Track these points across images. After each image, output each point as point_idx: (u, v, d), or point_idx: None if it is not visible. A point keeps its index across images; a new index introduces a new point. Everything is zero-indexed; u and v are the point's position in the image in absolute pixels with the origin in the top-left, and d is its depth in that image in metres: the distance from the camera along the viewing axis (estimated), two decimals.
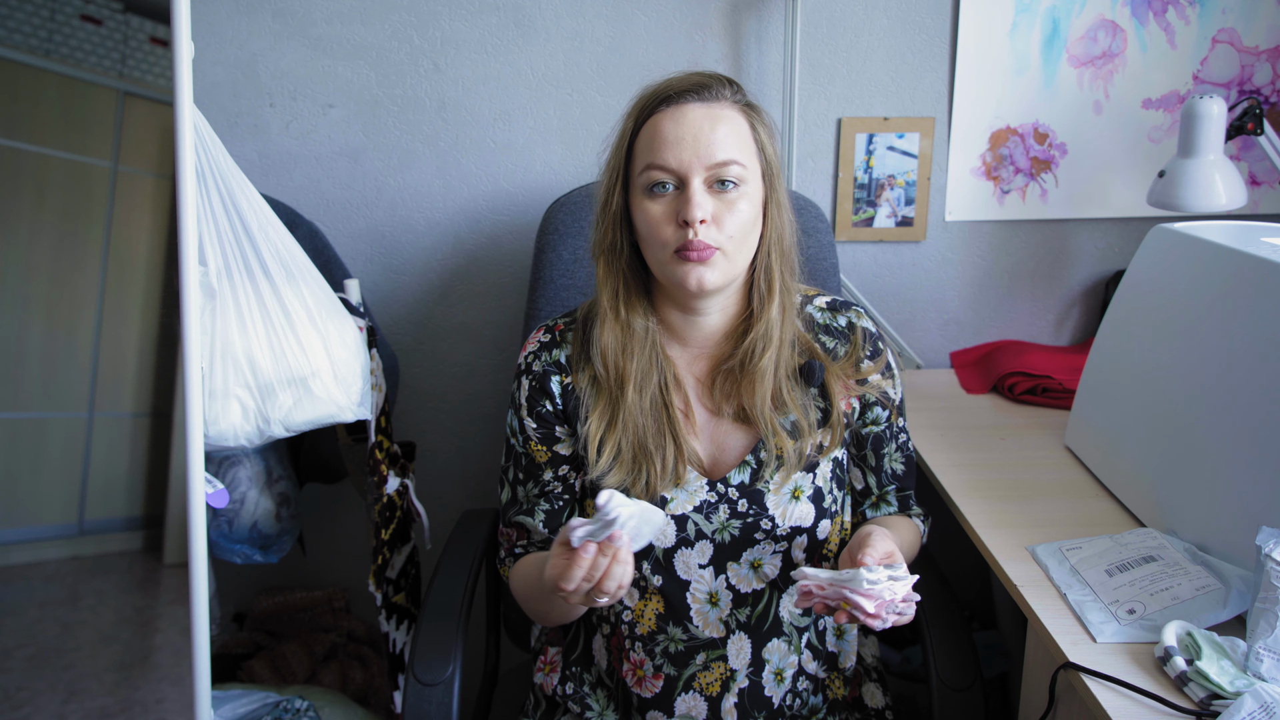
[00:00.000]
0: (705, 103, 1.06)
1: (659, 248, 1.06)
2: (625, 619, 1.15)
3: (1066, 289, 1.89)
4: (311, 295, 1.35)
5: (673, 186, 1.05)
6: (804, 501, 1.13)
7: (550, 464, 1.16)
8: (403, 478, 1.55)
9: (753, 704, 1.14)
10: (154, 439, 1.95)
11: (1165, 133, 1.79)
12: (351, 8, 1.67)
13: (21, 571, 1.90)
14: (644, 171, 1.06)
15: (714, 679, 1.13)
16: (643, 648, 1.14)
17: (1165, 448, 1.23)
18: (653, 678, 1.14)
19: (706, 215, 1.03)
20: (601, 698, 1.20)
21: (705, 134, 1.04)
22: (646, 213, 1.06)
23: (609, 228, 1.10)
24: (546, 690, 1.23)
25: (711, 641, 1.13)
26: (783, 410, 1.12)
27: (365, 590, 1.85)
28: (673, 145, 1.04)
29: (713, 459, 1.14)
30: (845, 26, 1.73)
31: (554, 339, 1.18)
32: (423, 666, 1.22)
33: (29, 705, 1.68)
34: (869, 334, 1.18)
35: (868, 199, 1.80)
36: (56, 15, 1.79)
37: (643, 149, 1.07)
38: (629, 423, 1.10)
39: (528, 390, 1.16)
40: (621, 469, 1.10)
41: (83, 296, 1.89)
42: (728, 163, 1.04)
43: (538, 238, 1.57)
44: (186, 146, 1.15)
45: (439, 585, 1.34)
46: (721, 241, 1.05)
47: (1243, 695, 0.89)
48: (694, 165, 1.04)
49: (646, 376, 1.11)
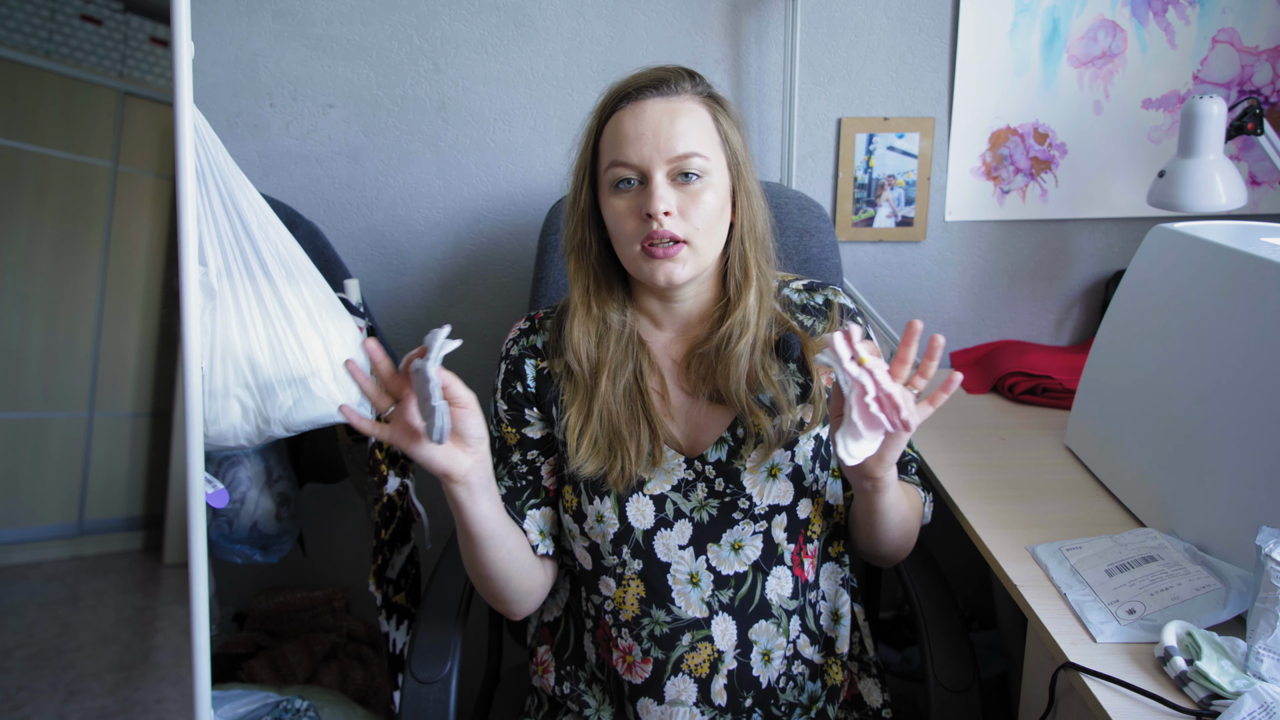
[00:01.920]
0: (664, 97, 1.08)
1: (626, 243, 1.09)
2: (607, 609, 1.15)
3: (1066, 289, 1.89)
4: (311, 295, 1.35)
5: (636, 182, 1.07)
6: (781, 480, 1.13)
7: (519, 446, 1.18)
8: (403, 478, 1.55)
9: (741, 685, 1.14)
10: (154, 439, 1.95)
11: (1165, 133, 1.79)
12: (351, 8, 1.67)
13: (21, 571, 1.89)
14: (609, 169, 1.08)
15: (702, 660, 1.13)
16: (629, 633, 1.14)
17: (1165, 448, 1.23)
18: (641, 662, 1.14)
19: (670, 207, 1.05)
20: (597, 693, 1.20)
21: (665, 128, 1.06)
22: (613, 209, 1.08)
23: (578, 225, 1.13)
24: (546, 690, 1.23)
25: (695, 622, 1.13)
26: (758, 389, 1.13)
27: (365, 590, 1.85)
28: (633, 141, 1.06)
29: (690, 439, 1.15)
30: (845, 26, 1.73)
31: (532, 325, 1.21)
32: (420, 664, 1.22)
33: (29, 705, 1.68)
34: (846, 309, 1.20)
35: (868, 199, 1.80)
36: (56, 15, 1.79)
37: (607, 146, 1.09)
38: (603, 412, 1.12)
39: (503, 374, 1.19)
40: (598, 457, 1.12)
41: (83, 296, 1.89)
42: (688, 155, 1.06)
43: (540, 238, 1.56)
44: (186, 146, 1.15)
45: (438, 583, 1.35)
46: (688, 232, 1.07)
47: (1243, 695, 0.89)
48: (654, 159, 1.05)
49: (621, 366, 1.14)
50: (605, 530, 1.13)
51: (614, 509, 1.12)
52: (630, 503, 1.13)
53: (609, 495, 1.13)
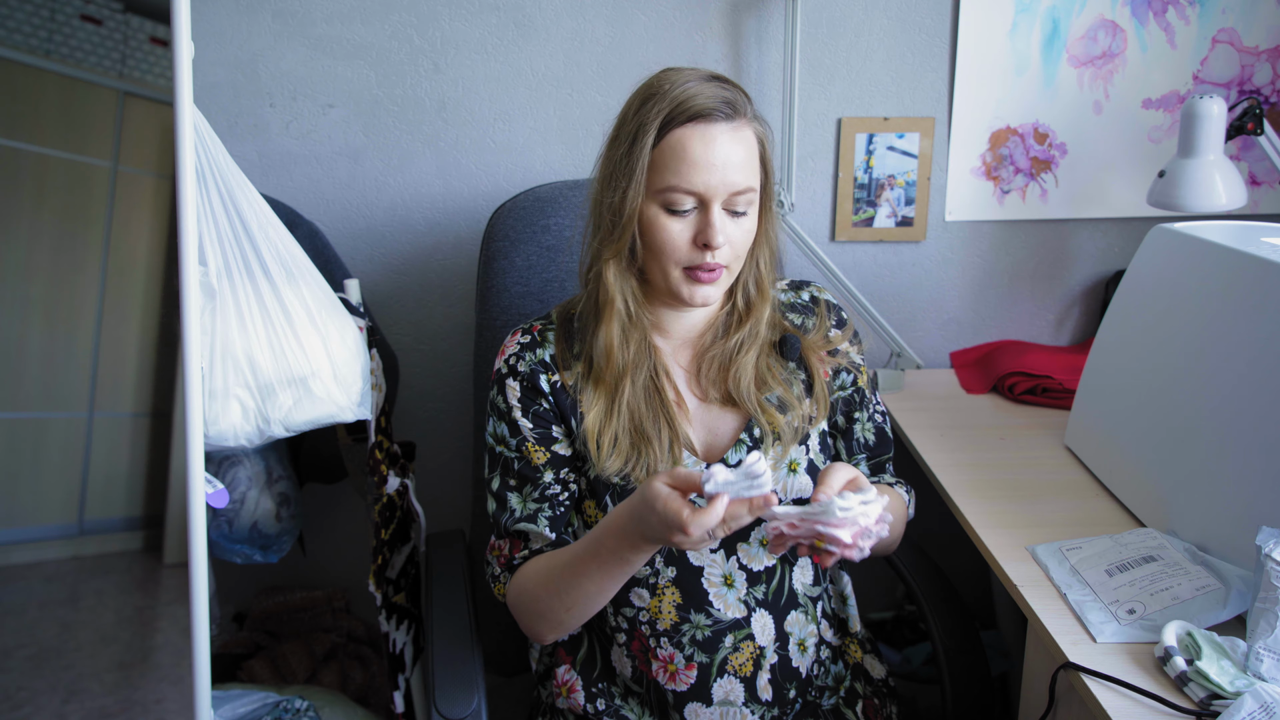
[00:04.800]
0: (731, 123, 1.06)
1: (671, 263, 1.08)
2: (642, 620, 1.15)
3: (1066, 289, 1.89)
4: (311, 295, 1.35)
5: (693, 207, 1.07)
6: (801, 474, 1.16)
7: (550, 465, 1.15)
8: (403, 478, 1.55)
9: (784, 677, 1.16)
10: (154, 439, 1.95)
11: (1165, 133, 1.79)
12: (351, 8, 1.67)
13: (21, 571, 1.89)
14: (667, 190, 1.05)
15: (745, 659, 1.14)
16: (669, 641, 1.14)
17: (1165, 448, 1.23)
18: (685, 669, 1.13)
19: (725, 240, 1.07)
20: (635, 706, 1.19)
21: (733, 161, 1.05)
22: (664, 228, 1.07)
23: (625, 232, 1.09)
24: (576, 711, 1.21)
25: (736, 622, 1.14)
26: (766, 389, 1.15)
27: (365, 590, 1.85)
28: (702, 170, 1.04)
29: (706, 444, 1.16)
30: (845, 26, 1.73)
31: (534, 340, 1.18)
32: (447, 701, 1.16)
33: (29, 705, 1.68)
34: (831, 305, 1.23)
35: (868, 199, 1.80)
36: (56, 15, 1.79)
37: (668, 163, 1.05)
38: (626, 410, 1.12)
39: (519, 391, 1.15)
40: (620, 456, 1.11)
41: (83, 296, 1.89)
42: (746, 190, 1.07)
43: (483, 246, 1.50)
44: (186, 146, 1.15)
45: (439, 604, 1.31)
46: (730, 260, 1.09)
47: (1243, 695, 0.89)
48: (719, 191, 1.05)
49: (639, 365, 1.14)
50: None
51: None
52: None
53: None
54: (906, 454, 1.55)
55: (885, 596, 1.97)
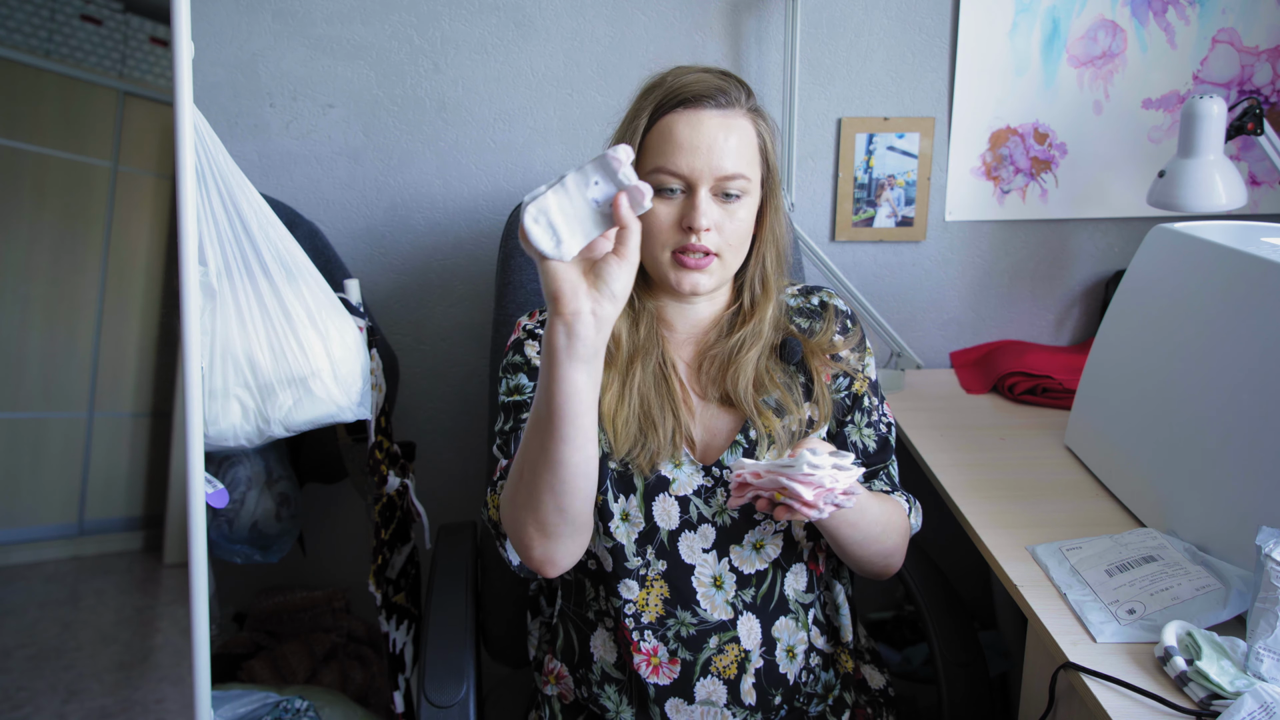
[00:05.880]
0: (722, 110, 1.08)
1: (659, 247, 1.09)
2: (628, 611, 1.15)
3: (1066, 289, 1.89)
4: (311, 295, 1.35)
5: (679, 190, 1.07)
6: None
7: None
8: (403, 478, 1.55)
9: (770, 683, 1.15)
10: (154, 439, 1.95)
11: (1165, 133, 1.79)
12: (351, 8, 1.67)
13: (21, 571, 1.89)
14: (655, 172, 1.07)
15: (730, 661, 1.14)
16: (653, 634, 1.14)
17: (1165, 448, 1.23)
18: (669, 663, 1.13)
19: (711, 223, 1.07)
20: (613, 693, 1.20)
21: (719, 145, 1.06)
22: (652, 211, 1.07)
23: None
24: (567, 699, 1.22)
25: (721, 624, 1.14)
26: (764, 391, 1.14)
27: (365, 590, 1.85)
28: (687, 152, 1.06)
29: (704, 444, 1.16)
30: (845, 26, 1.73)
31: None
32: (435, 687, 1.17)
33: (29, 705, 1.68)
34: (840, 311, 1.23)
35: (868, 199, 1.80)
36: (56, 15, 1.79)
37: (655, 147, 1.08)
38: (637, 396, 1.12)
39: (539, 348, 1.12)
40: (627, 440, 1.11)
41: (83, 296, 1.89)
42: (735, 176, 1.07)
43: (502, 243, 1.55)
44: (186, 146, 1.15)
45: (439, 592, 1.32)
46: (720, 246, 1.09)
47: (1243, 695, 0.89)
48: (704, 174, 1.06)
49: (649, 351, 1.14)
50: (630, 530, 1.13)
51: (640, 507, 1.12)
52: (656, 502, 1.13)
53: (635, 494, 1.12)
54: (907, 454, 1.55)
55: (885, 596, 1.97)
